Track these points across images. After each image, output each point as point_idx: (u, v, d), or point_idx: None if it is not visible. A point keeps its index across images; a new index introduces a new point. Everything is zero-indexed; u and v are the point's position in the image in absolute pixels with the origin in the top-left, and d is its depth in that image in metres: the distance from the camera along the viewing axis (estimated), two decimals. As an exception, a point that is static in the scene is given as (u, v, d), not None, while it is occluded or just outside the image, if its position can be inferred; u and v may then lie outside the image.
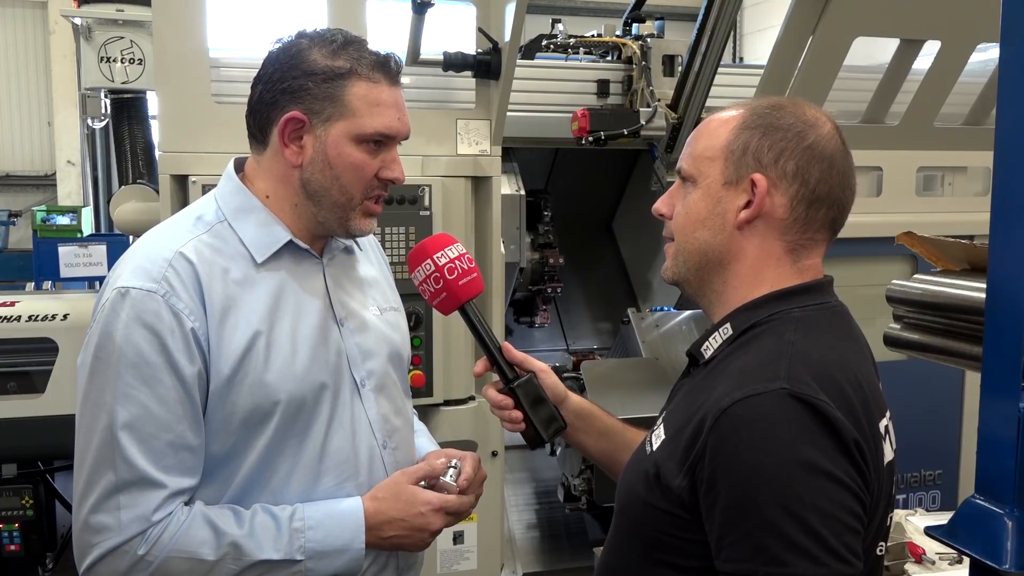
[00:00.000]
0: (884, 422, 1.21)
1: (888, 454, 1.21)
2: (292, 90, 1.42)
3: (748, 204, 1.23)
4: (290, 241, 1.48)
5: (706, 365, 1.27)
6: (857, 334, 1.29)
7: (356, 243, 1.64)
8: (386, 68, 1.47)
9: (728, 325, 1.26)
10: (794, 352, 1.15)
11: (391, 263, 2.60)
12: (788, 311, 1.22)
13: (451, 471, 1.54)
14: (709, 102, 2.70)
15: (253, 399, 1.41)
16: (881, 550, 1.25)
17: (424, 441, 1.75)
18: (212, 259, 1.43)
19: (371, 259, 1.70)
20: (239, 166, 1.54)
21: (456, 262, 1.50)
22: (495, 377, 1.56)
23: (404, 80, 1.52)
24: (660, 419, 1.31)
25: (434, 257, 1.50)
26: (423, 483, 1.52)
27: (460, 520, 1.56)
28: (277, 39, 1.49)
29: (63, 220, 5.20)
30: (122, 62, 4.25)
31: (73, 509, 1.41)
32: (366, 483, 1.50)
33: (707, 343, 1.28)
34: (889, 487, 1.22)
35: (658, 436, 1.26)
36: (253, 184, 1.51)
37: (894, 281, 1.64)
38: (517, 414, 1.51)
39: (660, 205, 1.34)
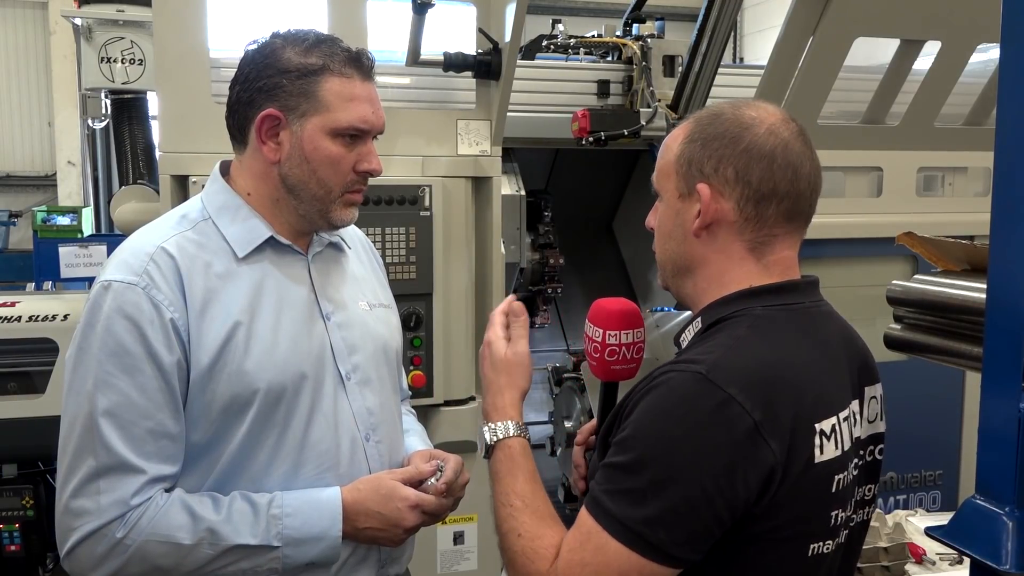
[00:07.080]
0: (830, 422, 1.23)
1: (829, 453, 1.21)
2: (267, 88, 1.47)
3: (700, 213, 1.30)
4: (271, 237, 1.52)
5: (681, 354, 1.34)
6: (827, 336, 1.32)
7: (344, 241, 1.67)
8: (358, 63, 1.50)
9: (699, 319, 1.33)
10: (734, 345, 1.21)
11: (390, 263, 2.62)
12: (751, 309, 1.27)
13: (437, 473, 1.57)
14: (709, 102, 2.70)
15: (233, 388, 1.43)
16: (824, 549, 1.24)
17: (415, 440, 1.76)
18: (195, 254, 1.46)
19: (361, 257, 1.73)
20: (225, 168, 1.58)
21: (622, 349, 1.47)
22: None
23: (403, 80, 1.54)
24: None
25: (607, 333, 1.47)
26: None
27: (436, 521, 1.58)
28: (252, 40, 1.52)
29: (63, 220, 5.21)
30: (122, 62, 4.27)
31: (56, 495, 1.42)
32: (347, 474, 1.52)
33: (683, 334, 1.35)
34: (828, 485, 1.22)
35: None
36: (236, 183, 1.55)
37: (894, 281, 1.64)
38: (583, 484, 1.53)
39: (648, 219, 1.43)
